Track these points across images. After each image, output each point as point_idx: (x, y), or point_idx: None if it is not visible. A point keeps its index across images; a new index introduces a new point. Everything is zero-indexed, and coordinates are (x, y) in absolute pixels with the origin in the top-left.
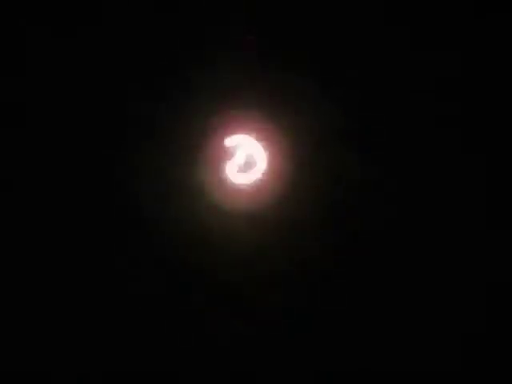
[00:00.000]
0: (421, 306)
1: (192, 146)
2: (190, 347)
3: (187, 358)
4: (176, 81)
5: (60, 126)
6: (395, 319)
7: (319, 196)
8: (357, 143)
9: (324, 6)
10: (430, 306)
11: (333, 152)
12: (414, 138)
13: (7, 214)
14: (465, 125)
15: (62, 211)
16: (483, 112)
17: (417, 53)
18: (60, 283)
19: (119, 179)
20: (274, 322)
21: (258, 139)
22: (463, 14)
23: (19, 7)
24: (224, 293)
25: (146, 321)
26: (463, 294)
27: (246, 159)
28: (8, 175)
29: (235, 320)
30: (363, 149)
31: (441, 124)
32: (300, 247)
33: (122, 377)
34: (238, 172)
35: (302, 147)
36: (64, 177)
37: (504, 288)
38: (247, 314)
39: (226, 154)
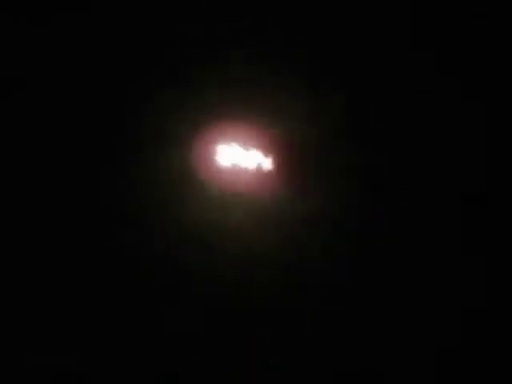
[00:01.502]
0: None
1: (191, 139)
2: (189, 341)
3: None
4: (179, 78)
5: (61, 120)
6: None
7: (318, 190)
8: (358, 142)
9: (325, 8)
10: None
11: (334, 150)
12: (415, 138)
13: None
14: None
15: (61, 203)
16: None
17: (417, 53)
18: (60, 280)
19: (119, 173)
20: (273, 317)
21: (258, 136)
22: (463, 15)
23: (20, 7)
24: (222, 280)
25: (149, 315)
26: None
27: (246, 153)
28: (9, 173)
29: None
30: (365, 148)
31: (441, 124)
32: (299, 243)
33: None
34: (237, 164)
35: (302, 144)
36: (63, 167)
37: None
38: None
39: (229, 147)
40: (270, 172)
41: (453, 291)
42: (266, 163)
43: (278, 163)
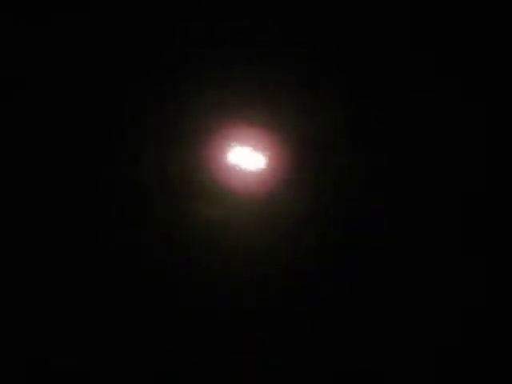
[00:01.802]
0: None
1: (194, 139)
2: (189, 341)
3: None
4: (179, 79)
5: (62, 120)
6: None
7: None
8: (356, 142)
9: (325, 8)
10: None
11: (332, 151)
12: (415, 138)
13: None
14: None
15: (62, 203)
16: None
17: (416, 53)
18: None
19: (123, 170)
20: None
21: (258, 135)
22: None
23: (20, 7)
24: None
25: (149, 315)
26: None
27: (246, 151)
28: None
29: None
30: (365, 148)
31: (441, 124)
32: (300, 243)
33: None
34: (238, 164)
35: (301, 145)
36: (64, 166)
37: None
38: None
39: (228, 146)
40: (270, 172)
41: (452, 291)
42: (267, 163)
43: (279, 163)
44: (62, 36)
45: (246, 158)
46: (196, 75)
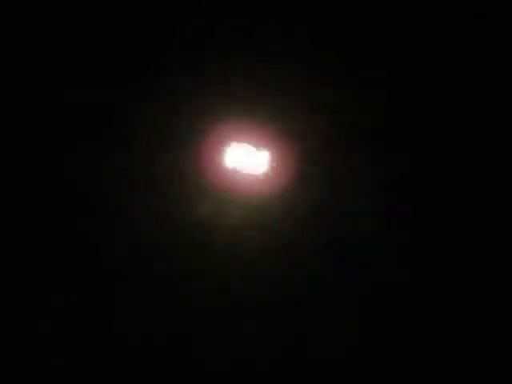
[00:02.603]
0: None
1: (195, 138)
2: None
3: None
4: (179, 79)
5: (62, 120)
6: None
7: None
8: (357, 142)
9: (325, 8)
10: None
11: (332, 151)
12: (415, 138)
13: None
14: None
15: (61, 203)
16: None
17: (419, 53)
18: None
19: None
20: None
21: (260, 136)
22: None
23: (20, 7)
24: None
25: (147, 315)
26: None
27: (247, 152)
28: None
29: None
30: (365, 148)
31: (441, 124)
32: (297, 246)
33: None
34: (240, 163)
35: (302, 145)
36: (63, 166)
37: None
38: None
39: (228, 146)
40: (272, 173)
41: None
42: (268, 164)
43: (280, 164)
44: (62, 36)
45: (245, 158)
46: (196, 75)
